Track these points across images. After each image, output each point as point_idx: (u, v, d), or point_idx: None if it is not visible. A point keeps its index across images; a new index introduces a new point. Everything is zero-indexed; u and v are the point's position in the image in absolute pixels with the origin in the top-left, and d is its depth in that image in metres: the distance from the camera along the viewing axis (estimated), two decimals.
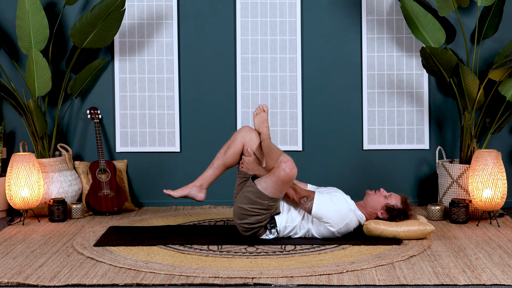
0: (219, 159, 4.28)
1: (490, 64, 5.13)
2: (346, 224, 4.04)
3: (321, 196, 4.02)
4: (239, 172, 4.25)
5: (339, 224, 4.02)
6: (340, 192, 4.21)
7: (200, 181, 4.30)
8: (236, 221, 4.09)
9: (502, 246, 3.97)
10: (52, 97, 5.19)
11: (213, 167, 4.29)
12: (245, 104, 5.22)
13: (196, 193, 4.30)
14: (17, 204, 4.64)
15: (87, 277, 3.42)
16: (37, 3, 4.76)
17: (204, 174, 4.31)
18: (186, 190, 4.30)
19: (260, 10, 5.19)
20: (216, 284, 3.30)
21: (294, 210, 4.11)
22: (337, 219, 4.01)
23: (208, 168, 4.30)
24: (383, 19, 5.17)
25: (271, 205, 3.99)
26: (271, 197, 3.96)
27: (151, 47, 5.22)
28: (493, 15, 4.81)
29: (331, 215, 3.99)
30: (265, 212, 4.00)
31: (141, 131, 5.25)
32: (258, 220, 4.02)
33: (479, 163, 4.51)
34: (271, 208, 4.01)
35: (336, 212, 4.00)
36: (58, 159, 4.97)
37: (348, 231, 4.09)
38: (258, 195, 3.97)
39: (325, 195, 4.04)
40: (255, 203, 3.98)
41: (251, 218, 4.02)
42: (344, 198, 4.08)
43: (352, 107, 5.23)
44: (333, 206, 3.99)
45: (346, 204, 4.04)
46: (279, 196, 3.99)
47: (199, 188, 4.30)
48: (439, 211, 4.69)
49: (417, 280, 3.32)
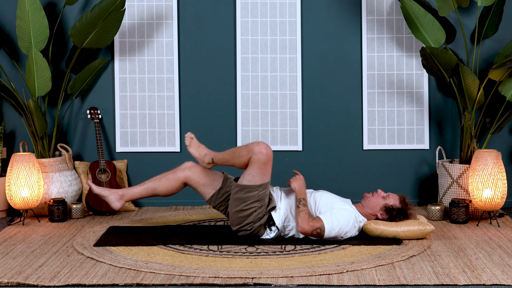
0: (152, 182, 4.28)
1: (490, 64, 5.13)
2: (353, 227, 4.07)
3: (325, 218, 4.00)
4: (211, 202, 4.23)
5: (351, 231, 4.06)
6: (337, 199, 4.18)
7: (124, 192, 4.32)
8: (236, 228, 4.08)
9: (502, 246, 3.97)
10: (52, 97, 5.19)
11: (143, 187, 4.29)
12: (245, 104, 5.22)
13: (114, 200, 4.31)
14: (17, 204, 4.64)
15: (87, 277, 3.42)
16: (37, 3, 4.76)
17: (132, 189, 4.31)
18: (106, 192, 4.32)
19: (260, 10, 5.19)
20: (216, 284, 3.30)
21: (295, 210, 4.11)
22: (346, 229, 4.03)
23: (138, 185, 4.31)
24: (383, 19, 5.17)
25: (262, 194, 4.01)
26: (259, 184, 3.99)
27: (151, 47, 5.22)
28: (493, 15, 4.81)
29: (340, 231, 4.01)
30: (259, 205, 4.01)
31: (141, 131, 5.25)
32: (256, 216, 4.02)
33: (479, 163, 4.51)
34: (263, 198, 4.02)
35: (344, 226, 4.01)
36: (58, 159, 4.97)
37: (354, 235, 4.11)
38: (247, 190, 3.99)
39: (327, 215, 4.01)
40: (247, 200, 3.99)
41: (249, 217, 4.02)
42: (344, 208, 4.06)
43: (352, 107, 5.23)
44: (339, 223, 3.99)
45: (348, 215, 4.04)
46: (266, 180, 4.01)
47: (120, 197, 4.31)
48: (439, 211, 4.69)
49: (417, 280, 3.32)
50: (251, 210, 4.01)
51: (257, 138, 5.22)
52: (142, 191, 4.29)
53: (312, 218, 3.97)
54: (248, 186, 4.00)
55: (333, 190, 4.90)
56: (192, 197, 5.18)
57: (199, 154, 4.22)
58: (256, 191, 4.00)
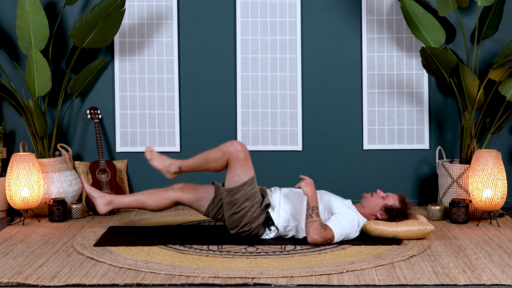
0: (143, 195, 4.24)
1: (490, 64, 5.13)
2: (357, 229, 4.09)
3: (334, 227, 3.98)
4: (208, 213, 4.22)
5: (355, 234, 4.07)
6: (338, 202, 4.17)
7: (113, 198, 4.29)
8: (234, 231, 4.08)
9: (502, 246, 3.97)
10: (52, 97, 5.19)
11: (133, 198, 4.27)
12: (245, 104, 5.22)
13: (100, 204, 4.28)
14: (17, 204, 4.64)
15: (87, 277, 3.42)
16: (37, 3, 4.76)
17: (121, 197, 4.29)
18: (96, 194, 4.30)
19: (260, 10, 5.19)
20: (216, 284, 3.30)
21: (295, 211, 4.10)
22: (351, 233, 4.04)
23: (129, 195, 4.28)
24: (383, 19, 5.17)
25: (250, 192, 4.00)
26: (245, 181, 3.98)
27: (151, 47, 5.22)
28: (493, 15, 4.81)
29: (346, 236, 4.02)
30: (251, 203, 4.00)
31: (141, 131, 5.25)
32: (251, 216, 4.01)
33: (479, 163, 4.51)
34: (253, 195, 4.01)
35: (349, 230, 4.02)
36: (58, 159, 4.97)
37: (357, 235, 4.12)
38: (234, 192, 3.99)
39: (334, 223, 3.99)
40: (236, 201, 3.99)
41: (244, 218, 4.02)
42: (346, 212, 4.06)
43: (352, 107, 5.23)
44: (345, 229, 4.00)
45: (351, 219, 4.04)
46: (252, 175, 4.01)
47: (108, 202, 4.28)
48: (439, 211, 4.69)
49: (417, 280, 3.32)
50: (244, 210, 4.01)
51: (257, 138, 5.22)
52: (131, 201, 4.27)
53: (324, 229, 3.92)
54: (234, 188, 3.99)
55: (333, 190, 4.90)
56: None
57: (162, 165, 4.14)
58: (242, 190, 3.99)
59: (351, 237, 4.05)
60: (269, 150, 5.23)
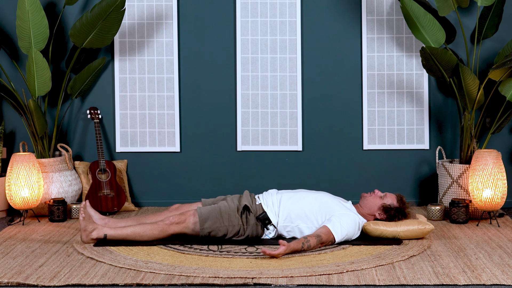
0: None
1: (490, 64, 5.13)
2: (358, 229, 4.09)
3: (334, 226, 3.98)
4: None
5: (356, 234, 4.08)
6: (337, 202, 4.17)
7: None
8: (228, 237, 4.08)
9: (502, 246, 3.97)
10: (52, 97, 5.19)
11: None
12: (245, 104, 5.22)
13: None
14: (17, 204, 4.64)
15: (87, 277, 3.42)
16: (37, 3, 4.76)
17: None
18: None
19: (260, 10, 5.19)
20: (216, 284, 3.30)
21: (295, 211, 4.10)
22: (351, 234, 4.04)
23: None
24: (383, 19, 5.17)
25: (223, 223, 4.03)
26: (212, 229, 4.04)
27: (151, 47, 5.22)
28: (493, 15, 4.81)
29: (350, 233, 4.02)
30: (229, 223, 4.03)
31: (141, 131, 5.25)
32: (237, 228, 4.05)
33: (479, 163, 4.51)
34: (228, 221, 4.03)
35: (351, 229, 4.02)
36: (58, 159, 4.97)
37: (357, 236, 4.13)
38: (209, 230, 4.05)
39: (335, 223, 4.00)
40: (216, 232, 4.05)
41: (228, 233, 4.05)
42: (344, 213, 4.06)
43: (352, 107, 5.23)
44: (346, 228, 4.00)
45: (352, 219, 4.04)
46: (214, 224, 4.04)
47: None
48: (439, 211, 4.69)
49: (417, 280, 3.32)
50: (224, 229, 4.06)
51: (257, 138, 5.22)
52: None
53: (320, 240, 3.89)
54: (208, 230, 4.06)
55: (333, 190, 4.91)
56: (192, 197, 5.18)
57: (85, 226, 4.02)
58: (216, 229, 4.05)
59: (352, 238, 4.06)
60: (269, 150, 5.23)
